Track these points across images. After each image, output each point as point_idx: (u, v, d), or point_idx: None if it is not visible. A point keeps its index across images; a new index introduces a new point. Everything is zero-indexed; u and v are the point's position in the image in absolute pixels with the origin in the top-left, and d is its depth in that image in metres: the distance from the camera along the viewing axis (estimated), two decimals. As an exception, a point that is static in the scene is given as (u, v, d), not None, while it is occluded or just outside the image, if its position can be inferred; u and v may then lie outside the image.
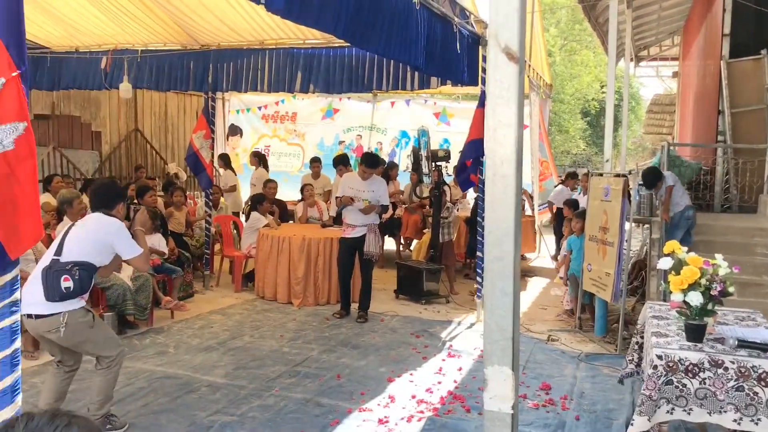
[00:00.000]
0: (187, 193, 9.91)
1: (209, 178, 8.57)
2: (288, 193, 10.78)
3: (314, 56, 7.64)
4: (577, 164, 31.10)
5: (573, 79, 25.97)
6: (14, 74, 2.06)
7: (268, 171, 10.63)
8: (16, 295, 2.14)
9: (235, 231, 9.32)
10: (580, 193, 10.17)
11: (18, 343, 2.16)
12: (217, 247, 9.13)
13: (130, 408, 4.54)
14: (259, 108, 13.02)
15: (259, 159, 10.71)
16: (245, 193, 10.91)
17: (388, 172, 10.36)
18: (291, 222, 9.37)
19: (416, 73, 7.21)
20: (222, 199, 9.80)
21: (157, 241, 7.06)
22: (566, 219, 8.17)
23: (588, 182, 7.23)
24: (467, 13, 6.41)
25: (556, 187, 10.94)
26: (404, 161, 11.50)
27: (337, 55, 7.50)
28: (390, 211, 9.81)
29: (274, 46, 7.82)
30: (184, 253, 7.85)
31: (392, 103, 12.49)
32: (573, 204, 8.35)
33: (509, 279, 1.73)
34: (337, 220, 8.52)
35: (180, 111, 14.15)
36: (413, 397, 4.93)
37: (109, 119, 12.31)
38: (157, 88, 8.54)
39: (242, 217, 9.94)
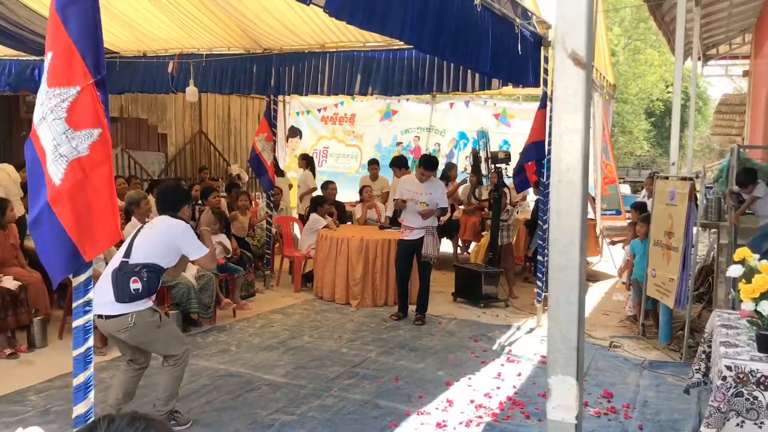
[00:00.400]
0: (250, 194, 10.09)
1: (270, 180, 8.71)
2: (345, 193, 10.86)
3: (374, 59, 7.68)
4: (641, 166, 30.37)
5: (637, 79, 25.35)
6: (89, 82, 2.14)
7: (315, 174, 10.75)
8: (90, 295, 2.23)
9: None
10: (644, 197, 9.92)
11: (90, 342, 2.24)
12: (276, 246, 9.27)
13: (194, 405, 4.65)
14: (319, 110, 13.15)
15: (307, 162, 10.82)
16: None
17: (447, 173, 10.33)
18: (349, 223, 9.44)
19: (476, 75, 7.16)
20: (281, 201, 9.93)
21: (222, 239, 7.21)
22: (630, 222, 7.98)
23: (653, 185, 7.03)
24: (529, 14, 6.34)
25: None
26: (462, 162, 11.44)
27: (396, 58, 7.52)
28: (448, 213, 9.78)
29: (334, 49, 7.89)
30: (246, 253, 7.99)
31: (451, 105, 12.43)
32: (640, 207, 8.15)
33: (574, 288, 1.70)
34: (394, 221, 8.56)
35: (242, 114, 14.43)
36: (471, 401, 4.90)
37: (174, 122, 12.65)
38: (221, 91, 8.73)
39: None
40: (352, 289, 7.68)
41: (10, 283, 5.58)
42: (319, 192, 9.74)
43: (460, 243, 10.46)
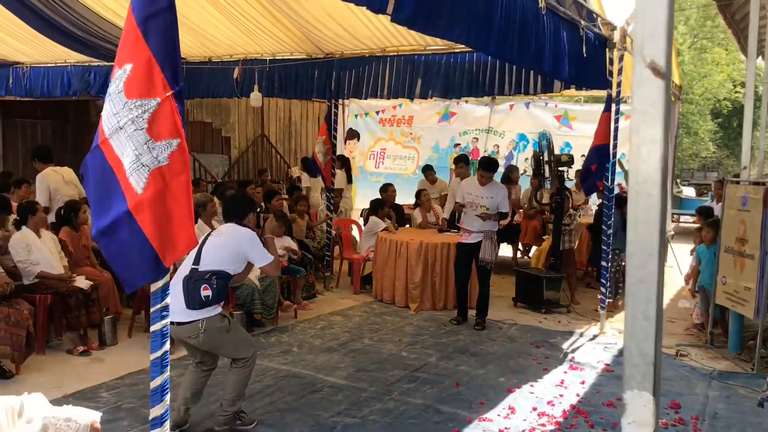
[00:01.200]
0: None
1: (325, 182, 8.80)
2: (402, 195, 10.92)
3: (434, 62, 7.68)
4: (707, 168, 29.44)
5: (703, 79, 24.56)
6: (168, 94, 2.21)
7: (350, 178, 10.81)
8: (167, 300, 2.30)
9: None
10: (711, 201, 9.62)
11: (167, 346, 2.31)
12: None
13: (258, 405, 4.73)
14: (377, 112, 13.22)
15: (342, 162, 10.87)
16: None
17: (509, 176, 10.24)
18: (407, 226, 9.45)
19: (539, 77, 7.08)
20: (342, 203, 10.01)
21: (288, 243, 7.31)
22: (696, 228, 7.75)
23: (723, 190, 6.81)
24: (594, 16, 6.23)
25: None
26: (522, 165, 11.33)
27: (457, 61, 7.49)
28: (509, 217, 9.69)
29: (395, 53, 7.92)
30: (307, 255, 8.09)
31: (511, 106, 12.31)
32: (705, 212, 7.91)
33: (652, 302, 1.66)
34: (451, 223, 8.54)
35: (303, 117, 14.63)
36: (534, 409, 4.84)
37: (237, 125, 12.92)
38: (283, 96, 8.87)
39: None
40: (411, 292, 7.69)
41: (83, 282, 5.79)
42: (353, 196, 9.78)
43: (520, 247, 10.35)
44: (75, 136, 13.97)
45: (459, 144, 12.67)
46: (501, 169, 11.08)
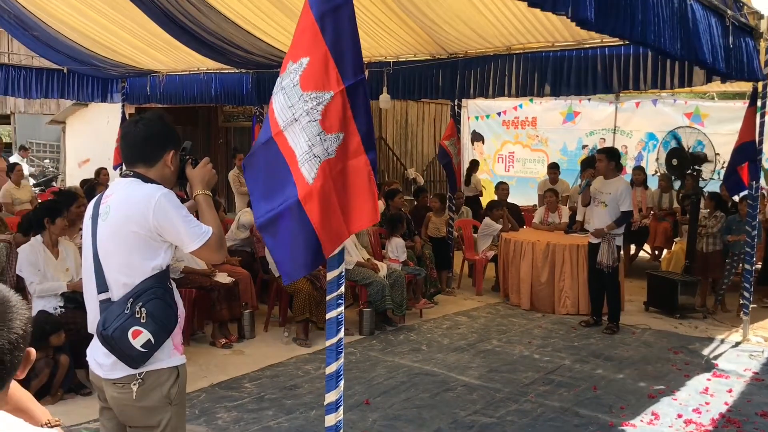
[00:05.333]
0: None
1: (456, 184, 8.78)
2: (534, 198, 10.78)
3: (563, 59, 7.47)
4: None
5: None
6: (341, 88, 2.27)
7: (468, 180, 10.76)
8: (342, 289, 2.36)
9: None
10: None
11: (342, 333, 2.37)
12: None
13: (395, 400, 4.78)
14: (498, 114, 13.07)
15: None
16: None
17: (633, 177, 9.88)
18: (526, 227, 9.29)
19: (675, 71, 6.76)
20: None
21: (394, 245, 7.35)
22: None
23: None
24: (740, 4, 5.89)
25: None
26: (652, 165, 10.87)
27: (588, 56, 7.26)
28: (637, 220, 9.33)
29: (521, 51, 7.78)
30: (426, 252, 8.05)
31: (637, 104, 11.84)
32: None
33: None
34: (570, 225, 8.33)
35: (419, 119, 14.70)
36: (679, 416, 4.63)
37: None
38: (407, 97, 8.92)
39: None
40: (537, 294, 7.54)
41: (225, 278, 6.06)
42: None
43: (650, 250, 9.93)
44: (204, 139, 14.71)
45: (587, 145, 12.31)
46: (629, 171, 10.74)
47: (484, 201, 11.12)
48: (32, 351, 1.36)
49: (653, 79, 6.81)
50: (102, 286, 2.32)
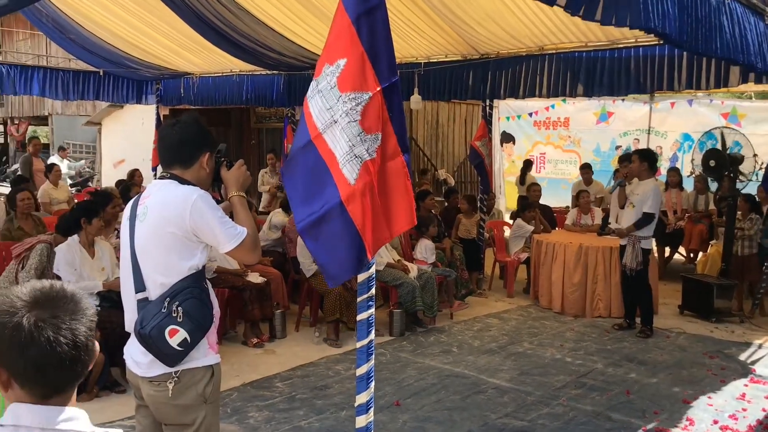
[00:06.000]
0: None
1: (489, 184, 8.74)
2: (568, 200, 10.69)
3: (596, 59, 7.40)
4: None
5: None
6: (378, 89, 2.28)
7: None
8: (372, 291, 2.37)
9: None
10: None
11: (372, 335, 2.38)
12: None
13: (425, 402, 4.78)
14: (530, 114, 12.96)
15: None
16: None
17: (667, 179, 9.73)
18: (558, 229, 9.20)
19: (711, 71, 6.65)
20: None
21: (423, 247, 7.33)
22: None
23: None
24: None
25: None
26: (687, 166, 10.67)
27: (622, 57, 7.18)
28: (672, 222, 9.20)
29: (553, 51, 7.72)
30: (457, 253, 8.02)
31: (672, 104, 11.64)
32: None
33: None
34: (603, 227, 8.23)
35: (450, 120, 14.66)
36: (715, 422, 4.55)
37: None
38: (437, 98, 8.90)
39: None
40: (569, 296, 7.47)
41: (257, 278, 6.11)
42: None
43: (685, 253, 9.76)
44: (236, 140, 14.85)
45: (620, 146, 12.14)
46: (663, 172, 10.58)
47: (511, 204, 11.06)
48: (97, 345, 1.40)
49: (688, 79, 6.72)
50: (139, 285, 2.37)
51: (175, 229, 2.32)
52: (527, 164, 11.61)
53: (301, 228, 2.42)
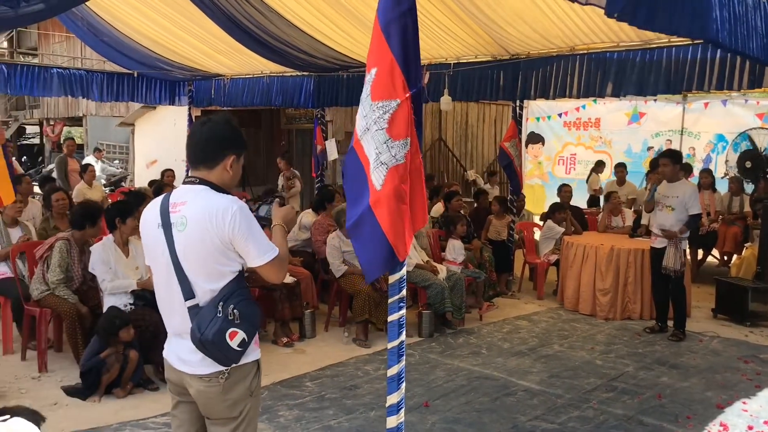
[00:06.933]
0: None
1: (519, 186, 8.70)
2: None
3: (628, 59, 7.31)
4: None
5: None
6: (407, 95, 2.30)
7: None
8: (403, 292, 2.39)
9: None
10: None
11: (403, 336, 2.40)
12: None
13: (454, 404, 4.78)
14: (560, 115, 12.86)
15: None
16: None
17: (700, 180, 9.59)
18: (589, 230, 9.12)
19: (745, 71, 6.54)
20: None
21: (452, 246, 7.32)
22: None
23: None
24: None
25: None
26: (721, 168, 10.52)
27: (653, 57, 7.09)
28: (705, 224, 9.06)
29: (585, 51, 7.66)
30: (486, 255, 8.00)
31: (705, 104, 11.46)
32: None
33: None
34: (635, 229, 8.13)
35: (479, 120, 14.62)
36: (750, 428, 4.48)
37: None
38: (466, 99, 8.88)
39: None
40: (600, 299, 7.40)
41: (287, 277, 6.15)
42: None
43: (719, 255, 9.61)
44: (266, 141, 14.97)
45: (652, 147, 11.98)
46: (696, 173, 10.43)
47: (537, 207, 10.98)
48: None
49: (719, 79, 6.60)
50: (188, 293, 2.42)
51: (218, 240, 2.37)
52: (598, 165, 11.56)
53: (348, 227, 2.54)
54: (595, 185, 10.76)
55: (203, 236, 2.37)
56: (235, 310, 2.37)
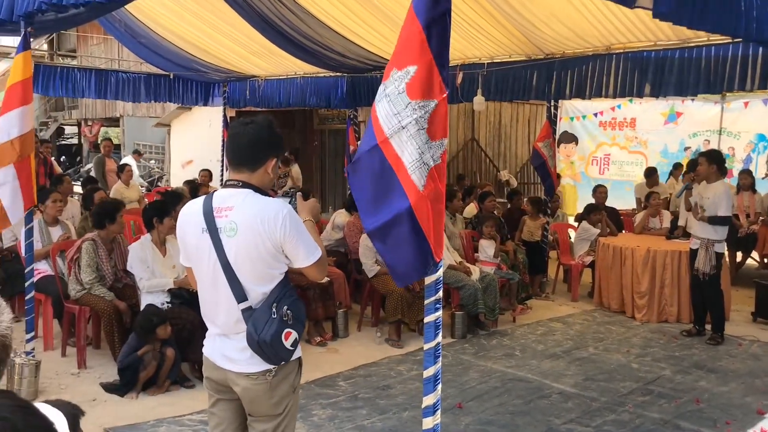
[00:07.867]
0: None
1: (553, 186, 8.63)
2: (632, 202, 10.45)
3: (665, 58, 7.19)
4: None
5: None
6: (444, 96, 2.30)
7: None
8: (440, 294, 2.39)
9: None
10: None
11: (440, 338, 2.40)
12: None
13: (488, 405, 4.76)
14: (595, 115, 12.70)
15: None
16: None
17: (739, 181, 9.41)
18: (625, 232, 9.00)
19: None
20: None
21: (484, 246, 7.28)
22: None
23: None
24: None
25: None
26: (762, 168, 10.29)
27: (692, 56, 6.96)
28: (745, 225, 8.89)
29: (621, 50, 7.56)
30: (520, 256, 7.95)
31: (746, 104, 11.22)
32: None
33: None
34: (672, 230, 8.00)
35: (513, 120, 14.51)
36: (792, 435, 4.38)
37: (449, 129, 13.13)
38: (500, 98, 8.82)
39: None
40: (636, 301, 7.30)
41: (320, 277, 6.19)
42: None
43: (758, 258, 9.41)
44: (300, 142, 15.06)
45: (689, 147, 11.77)
46: (735, 174, 10.23)
47: (569, 207, 10.86)
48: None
49: (762, 77, 6.46)
50: (241, 296, 2.46)
51: (270, 243, 2.42)
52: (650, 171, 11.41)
53: (369, 230, 2.48)
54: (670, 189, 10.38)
55: (256, 241, 2.41)
56: (288, 311, 2.44)
